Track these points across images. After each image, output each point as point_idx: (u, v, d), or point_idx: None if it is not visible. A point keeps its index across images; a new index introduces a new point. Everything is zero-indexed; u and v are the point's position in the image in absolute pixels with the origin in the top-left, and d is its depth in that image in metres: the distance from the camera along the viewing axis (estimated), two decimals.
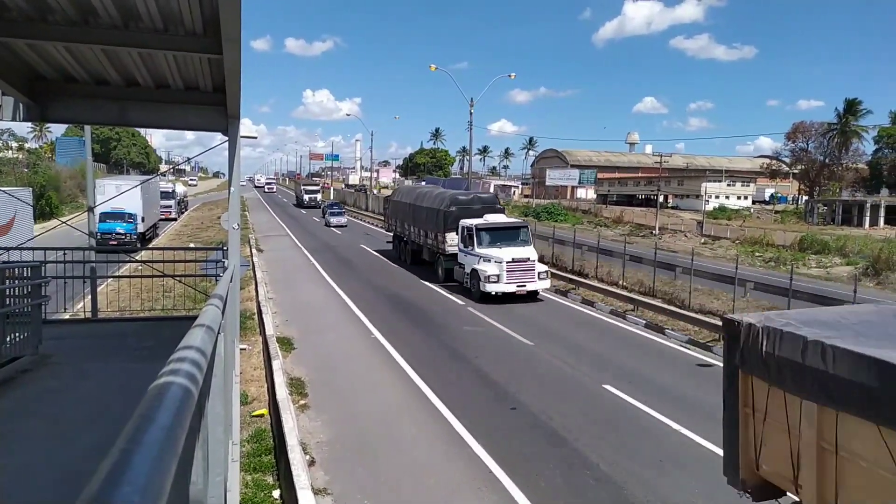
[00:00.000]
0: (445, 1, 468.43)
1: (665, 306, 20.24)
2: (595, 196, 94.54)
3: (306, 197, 77.12)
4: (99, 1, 4.46)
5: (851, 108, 75.40)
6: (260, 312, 18.58)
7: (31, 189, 31.52)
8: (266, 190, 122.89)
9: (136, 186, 32.47)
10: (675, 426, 11.34)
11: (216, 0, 3.98)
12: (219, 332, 3.07)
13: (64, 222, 12.59)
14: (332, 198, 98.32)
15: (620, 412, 12.13)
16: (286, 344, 15.91)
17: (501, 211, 26.66)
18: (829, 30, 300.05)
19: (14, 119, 6.64)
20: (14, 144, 78.95)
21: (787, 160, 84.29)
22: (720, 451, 10.17)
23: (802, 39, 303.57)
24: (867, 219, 61.08)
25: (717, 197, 77.68)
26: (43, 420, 5.20)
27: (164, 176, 73.03)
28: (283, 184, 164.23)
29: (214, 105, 6.84)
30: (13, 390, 5.97)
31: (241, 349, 12.54)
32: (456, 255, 23.91)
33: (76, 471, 3.99)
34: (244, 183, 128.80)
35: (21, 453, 4.49)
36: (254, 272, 24.69)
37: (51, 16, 4.81)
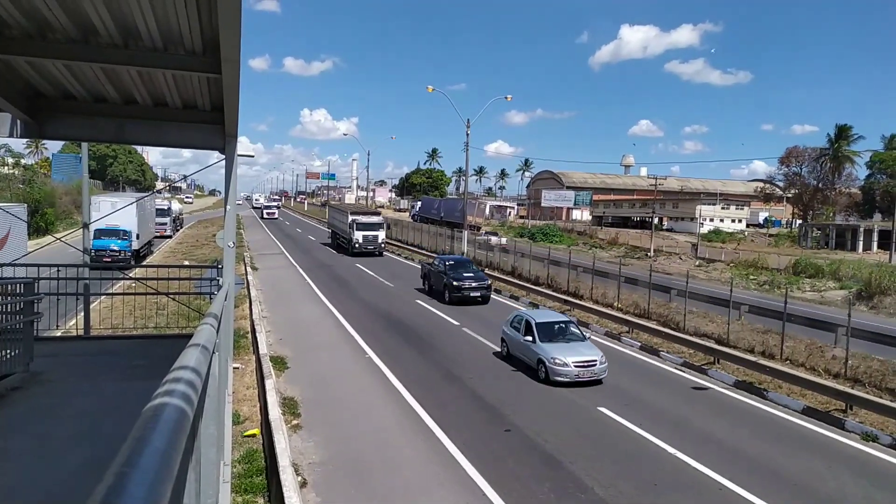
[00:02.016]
0: (444, 23, 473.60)
1: (660, 328, 20.22)
2: (590, 217, 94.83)
3: (358, 235, 42.16)
4: (99, 19, 4.49)
5: (843, 133, 76.08)
6: (254, 331, 18.48)
7: (26, 205, 31.49)
8: (266, 215, 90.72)
9: (131, 203, 32.45)
10: (670, 449, 11.28)
11: (216, 20, 4.01)
12: (213, 352, 3.06)
13: (58, 238, 12.53)
14: (328, 216, 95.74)
15: (615, 435, 12.06)
16: (279, 363, 15.81)
17: None
18: (824, 56, 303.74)
19: (12, 135, 6.64)
20: (10, 160, 78.93)
21: (781, 184, 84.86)
22: (715, 475, 10.18)
23: (797, 65, 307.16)
24: (860, 243, 61.36)
25: (711, 220, 78.06)
26: (32, 439, 5.14)
27: (160, 193, 73.04)
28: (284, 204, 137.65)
29: (212, 123, 6.86)
30: (3, 408, 5.90)
31: (234, 368, 12.46)
32: None
33: (64, 491, 3.93)
34: (240, 202, 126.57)
35: (9, 473, 4.43)
36: (248, 291, 24.60)
37: (51, 34, 4.83)
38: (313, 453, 10.76)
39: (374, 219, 44.91)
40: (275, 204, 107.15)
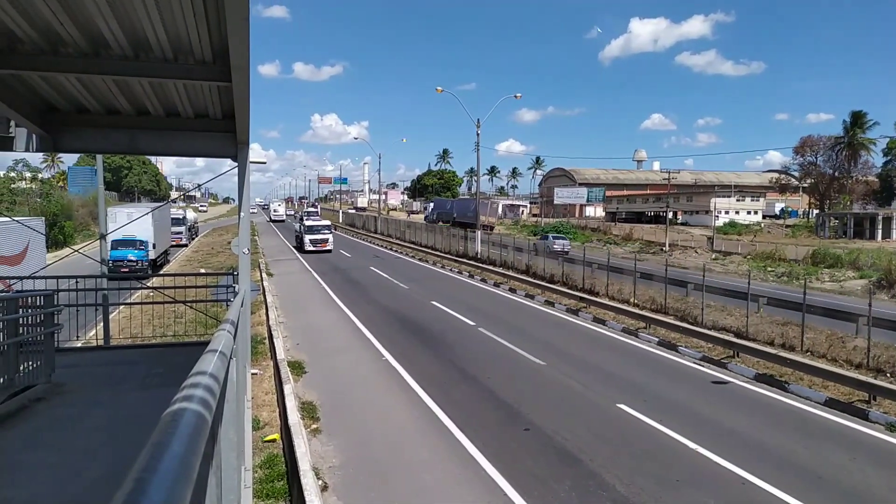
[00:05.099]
0: (453, 23, 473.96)
1: (677, 323, 20.08)
2: (604, 214, 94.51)
3: None
4: (110, 33, 4.54)
5: (858, 120, 75.21)
6: (271, 336, 18.57)
7: (43, 218, 31.88)
8: (310, 243, 46.92)
9: (147, 214, 32.75)
10: (692, 445, 11.20)
11: (225, 29, 4.04)
12: (231, 358, 3.08)
13: (76, 250, 12.68)
14: (341, 220, 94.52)
15: (635, 431, 11.99)
16: (297, 368, 15.88)
17: None
18: (838, 43, 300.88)
19: (27, 150, 6.73)
20: (28, 175, 79.96)
21: (797, 174, 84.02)
22: (738, 470, 10.09)
23: (810, 53, 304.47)
24: (879, 231, 60.60)
25: (726, 212, 77.44)
26: (55, 450, 5.20)
27: (175, 202, 73.63)
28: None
29: (224, 132, 6.91)
30: (27, 419, 5.98)
31: (252, 374, 12.54)
32: None
33: (88, 502, 3.98)
34: (254, 210, 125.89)
35: (33, 484, 4.48)
36: (264, 296, 24.74)
37: (63, 48, 4.90)
38: (333, 457, 10.79)
39: None
40: (324, 224, 50.54)
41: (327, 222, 51.96)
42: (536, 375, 15.69)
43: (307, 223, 49.33)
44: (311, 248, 46.53)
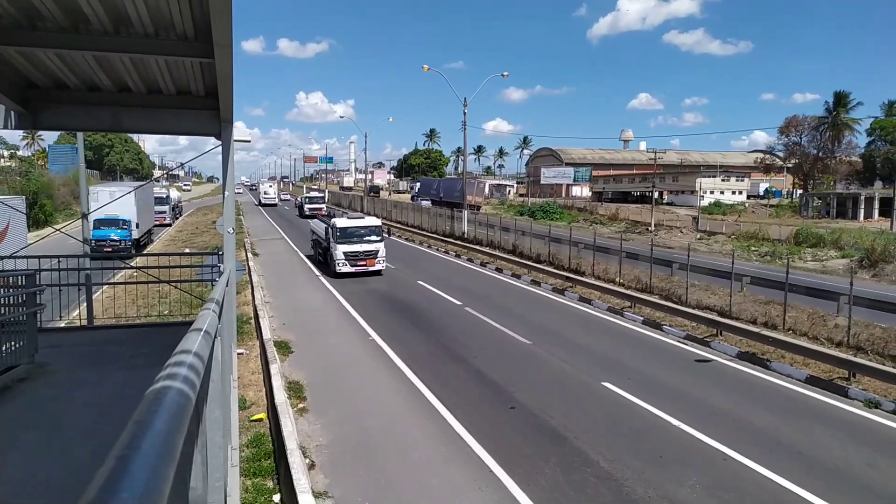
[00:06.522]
0: (439, 1, 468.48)
1: (662, 302, 20.26)
2: (590, 194, 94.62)
3: None
4: (90, 7, 4.44)
5: (841, 101, 75.44)
6: (257, 317, 18.53)
7: (24, 197, 31.46)
8: (345, 261, 26.70)
9: (129, 193, 32.39)
10: (675, 422, 11.36)
11: (207, 4, 3.97)
12: (216, 337, 3.06)
13: (58, 230, 12.53)
14: (326, 199, 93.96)
15: (620, 409, 12.14)
16: (284, 348, 15.87)
17: None
18: (826, 22, 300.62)
19: (6, 127, 6.60)
20: (6, 153, 78.64)
21: (781, 154, 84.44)
22: (720, 447, 10.26)
23: (798, 32, 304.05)
24: (861, 211, 61.22)
25: (711, 192, 77.81)
26: (39, 431, 5.17)
27: (158, 181, 72.83)
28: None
29: (207, 109, 6.80)
30: (9, 400, 5.95)
31: (238, 354, 12.51)
32: None
33: (72, 482, 3.97)
34: (240, 190, 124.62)
35: (16, 465, 4.46)
36: (250, 276, 24.63)
37: (41, 23, 4.79)
38: (320, 436, 10.84)
39: None
40: (371, 224, 28.40)
41: (377, 222, 29.41)
42: (523, 355, 15.80)
43: (340, 223, 27.94)
44: (348, 270, 26.90)
